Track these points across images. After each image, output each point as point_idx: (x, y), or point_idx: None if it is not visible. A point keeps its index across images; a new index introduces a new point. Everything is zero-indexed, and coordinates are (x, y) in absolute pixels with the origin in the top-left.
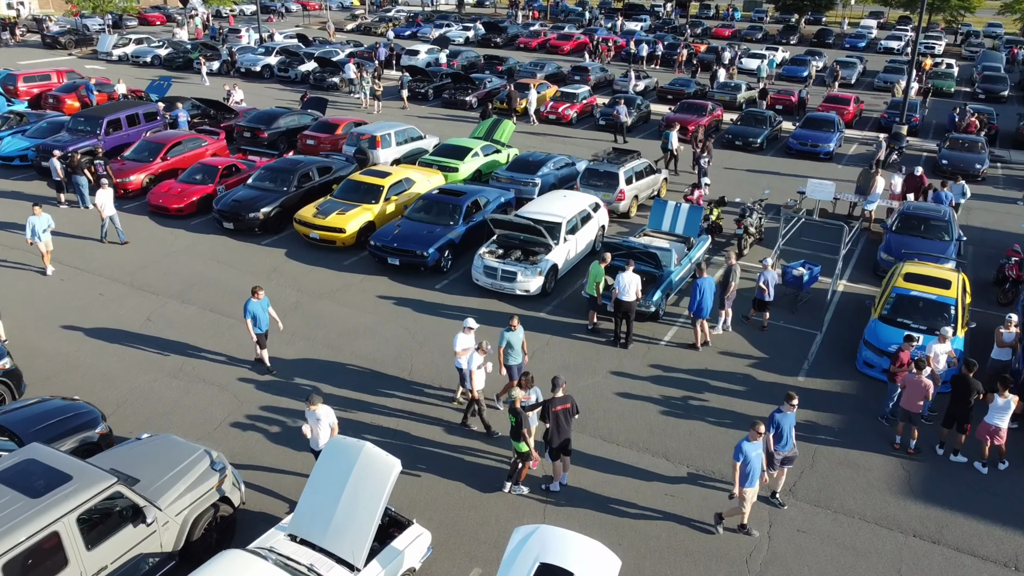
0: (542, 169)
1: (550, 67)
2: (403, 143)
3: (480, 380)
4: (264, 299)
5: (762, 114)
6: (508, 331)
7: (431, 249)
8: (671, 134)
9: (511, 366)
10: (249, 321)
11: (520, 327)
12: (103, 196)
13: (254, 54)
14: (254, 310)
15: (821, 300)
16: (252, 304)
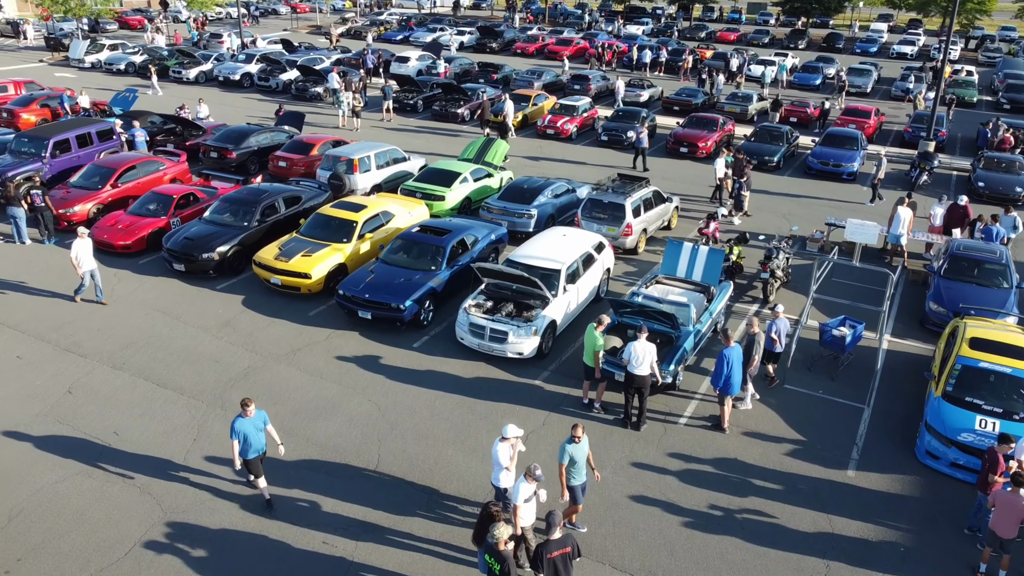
0: (538, 198)
1: (548, 75)
2: (384, 166)
3: (529, 515)
4: (258, 414)
5: (778, 130)
6: (570, 443)
7: (408, 301)
8: (718, 161)
9: (574, 487)
10: (235, 443)
11: (585, 437)
12: (80, 248)
13: (233, 61)
14: (244, 429)
15: (864, 361)
16: (241, 423)
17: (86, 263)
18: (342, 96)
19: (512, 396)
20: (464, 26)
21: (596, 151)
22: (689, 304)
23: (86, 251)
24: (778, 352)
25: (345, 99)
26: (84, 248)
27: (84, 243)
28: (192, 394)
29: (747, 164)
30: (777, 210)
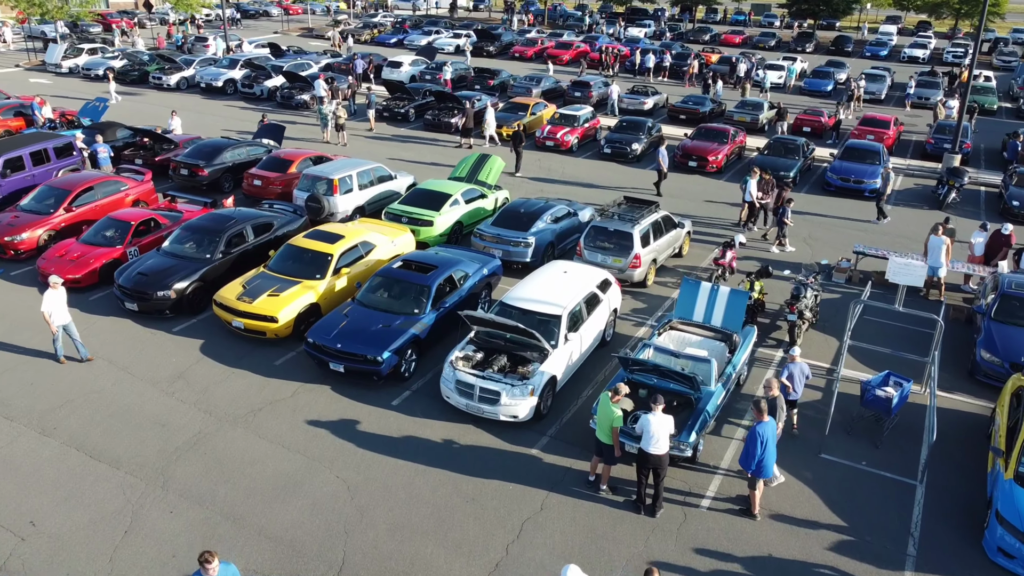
0: (536, 224)
1: (547, 82)
2: (368, 186)
3: None
4: (226, 570)
5: (793, 142)
6: None
7: (386, 352)
8: (750, 181)
9: None
10: None
11: None
12: (52, 300)
13: (216, 66)
14: None
15: (909, 420)
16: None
17: (58, 316)
18: (325, 109)
19: (505, 470)
20: (460, 29)
21: (598, 164)
22: (710, 360)
23: (58, 304)
24: (793, 400)
25: (329, 111)
26: (57, 300)
27: (57, 295)
28: (130, 468)
29: (784, 188)
30: (796, 233)
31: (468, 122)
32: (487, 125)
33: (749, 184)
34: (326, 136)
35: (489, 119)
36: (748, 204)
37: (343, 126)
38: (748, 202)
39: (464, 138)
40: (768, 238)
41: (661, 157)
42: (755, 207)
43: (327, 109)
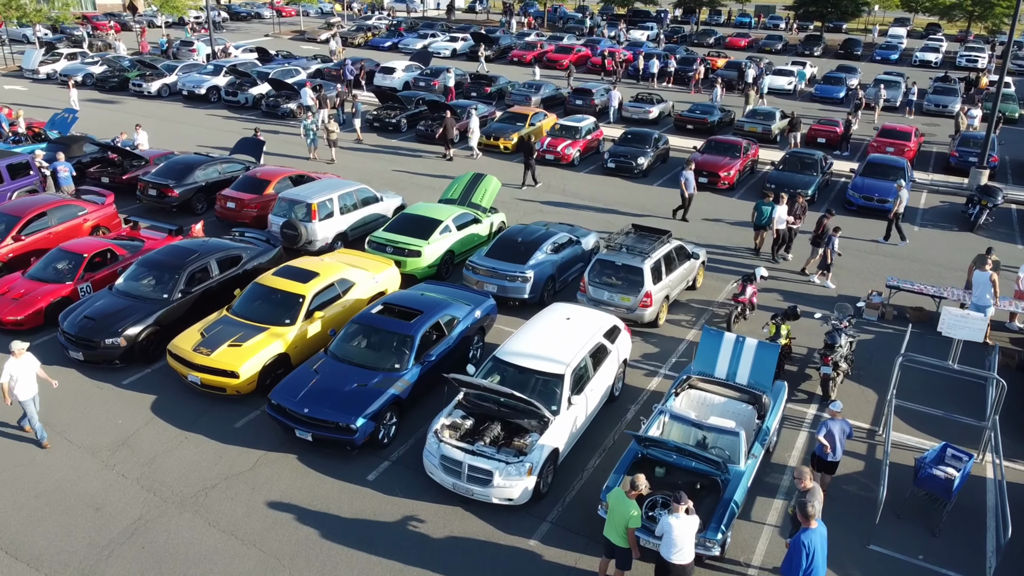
0: (535, 255)
1: (547, 89)
2: (351, 209)
3: None
4: None
5: (810, 156)
6: None
7: (361, 418)
8: (775, 209)
9: None
10: None
11: None
12: (18, 370)
13: (199, 73)
14: None
15: (973, 497)
16: None
17: (26, 390)
18: (310, 123)
19: (498, 568)
20: (457, 31)
21: (602, 180)
22: (738, 432)
23: (27, 372)
24: (833, 462)
25: (313, 125)
26: (24, 369)
27: (25, 364)
28: (51, 568)
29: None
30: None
31: (448, 132)
32: (470, 134)
33: (775, 210)
34: (313, 153)
35: (473, 127)
36: (777, 231)
37: (335, 141)
38: (778, 229)
39: (447, 148)
40: (808, 271)
41: (684, 181)
42: (783, 234)
43: (311, 123)
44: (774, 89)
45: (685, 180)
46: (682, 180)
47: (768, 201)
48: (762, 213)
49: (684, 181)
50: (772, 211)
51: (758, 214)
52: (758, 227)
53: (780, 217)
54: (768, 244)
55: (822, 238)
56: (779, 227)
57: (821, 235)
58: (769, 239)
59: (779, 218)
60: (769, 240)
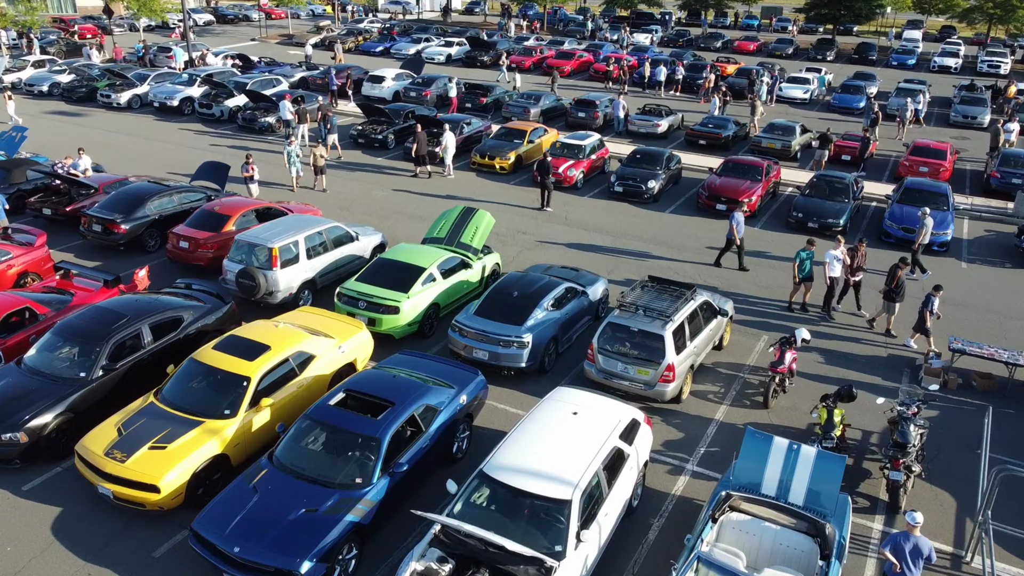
0: (534, 313)
1: (547, 100)
2: (320, 252)
3: None
4: None
5: (840, 180)
6: None
7: (307, 561)
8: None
9: None
10: None
11: None
12: None
13: (172, 83)
14: None
15: None
16: None
17: None
18: (294, 149)
19: None
20: (453, 35)
21: (608, 206)
22: None
23: None
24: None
25: (298, 149)
26: None
27: None
28: None
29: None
30: (844, 303)
31: (420, 148)
32: (445, 150)
33: (832, 262)
34: (295, 181)
35: (448, 144)
36: (830, 280)
37: (323, 169)
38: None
39: (419, 167)
40: (874, 324)
41: (736, 224)
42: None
43: (295, 147)
44: (787, 99)
45: (736, 223)
46: (733, 223)
47: (810, 249)
48: (804, 265)
49: (735, 224)
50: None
51: (800, 266)
52: (803, 281)
53: (833, 264)
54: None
55: (896, 292)
56: (832, 275)
57: (896, 288)
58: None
59: (832, 264)
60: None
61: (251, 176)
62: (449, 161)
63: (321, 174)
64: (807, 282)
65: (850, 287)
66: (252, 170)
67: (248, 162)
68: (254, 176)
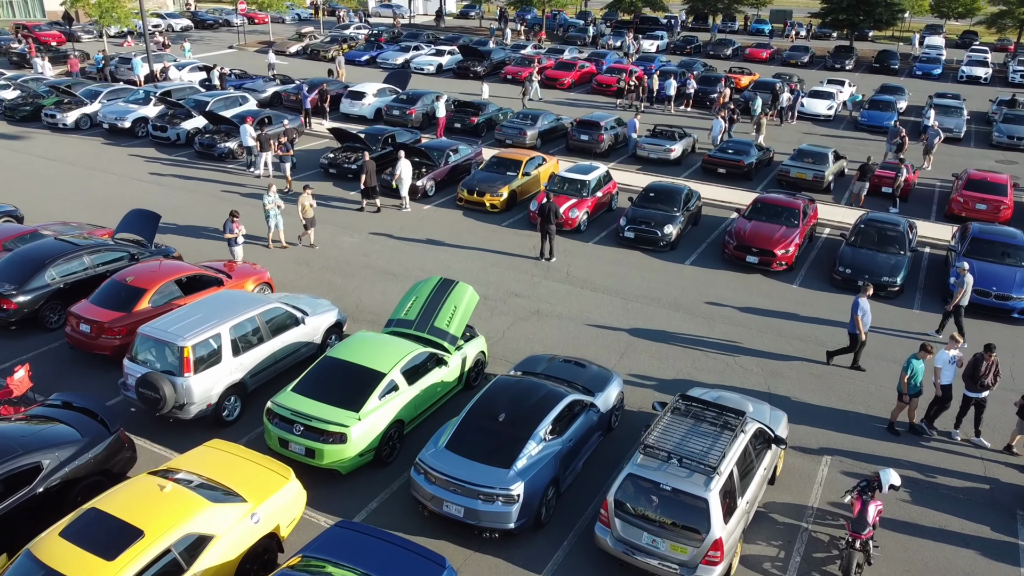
0: (527, 448)
1: (546, 119)
2: (253, 344)
3: None
4: None
5: (894, 226)
6: None
7: None
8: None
9: None
10: None
11: None
12: None
13: (126, 101)
14: None
15: None
16: None
17: None
18: (271, 200)
19: None
20: (445, 42)
21: (618, 256)
22: None
23: None
24: None
25: (275, 201)
26: None
27: None
28: None
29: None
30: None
31: (369, 179)
32: (400, 180)
33: (944, 367)
34: (272, 238)
35: (403, 173)
36: (942, 388)
37: (312, 221)
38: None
39: (367, 199)
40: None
41: (861, 314)
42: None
43: (272, 198)
44: (809, 115)
45: (862, 313)
46: (858, 313)
47: (925, 357)
48: (916, 376)
49: (860, 315)
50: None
51: (910, 377)
52: (912, 396)
53: (946, 370)
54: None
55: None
56: (943, 382)
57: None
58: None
59: (944, 371)
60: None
61: (235, 238)
62: (405, 193)
63: (310, 227)
64: (916, 397)
65: (971, 406)
66: (237, 229)
67: (232, 219)
68: (238, 238)
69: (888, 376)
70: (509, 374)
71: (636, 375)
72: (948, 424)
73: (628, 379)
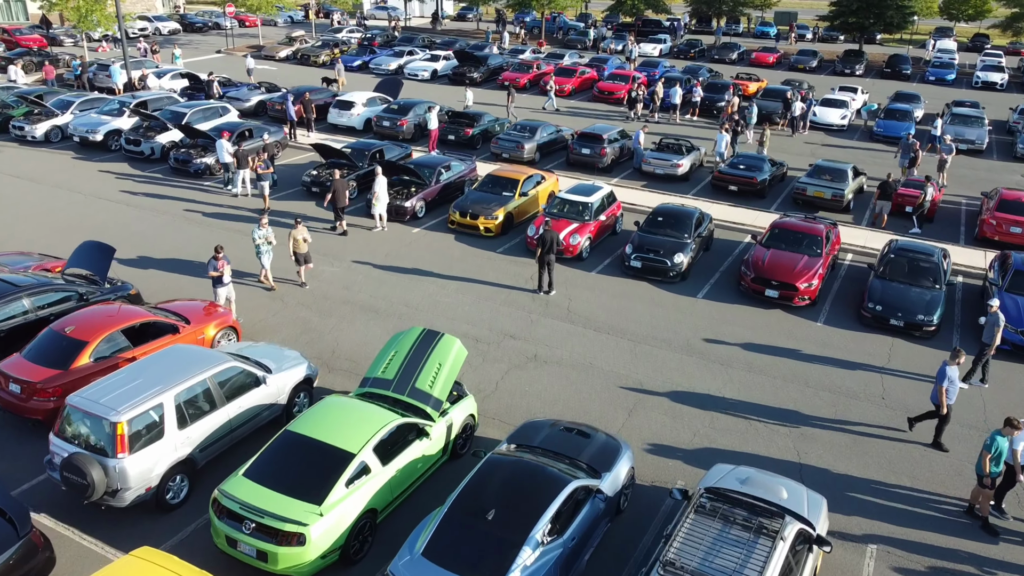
0: (521, 557)
1: (545, 131)
2: (203, 413)
3: None
4: None
5: (928, 256)
6: None
7: None
8: None
9: None
10: None
11: None
12: None
13: (99, 112)
14: None
15: None
16: None
17: None
18: (262, 234)
19: None
20: (441, 47)
21: (622, 288)
22: None
23: None
24: None
25: (265, 236)
26: None
27: None
28: None
29: None
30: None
31: (338, 198)
32: (376, 199)
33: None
34: (266, 277)
35: (379, 191)
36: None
37: (306, 257)
38: None
39: (338, 221)
40: None
41: (946, 383)
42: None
43: (263, 232)
44: (822, 125)
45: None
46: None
47: (1010, 432)
48: (1000, 456)
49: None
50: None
51: (993, 457)
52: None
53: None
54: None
55: None
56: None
57: None
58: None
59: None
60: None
61: (220, 276)
62: (382, 212)
63: (305, 263)
64: (999, 477)
65: None
66: (222, 267)
67: (216, 256)
68: (223, 276)
69: (929, 435)
70: (501, 451)
71: (648, 441)
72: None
73: (639, 444)
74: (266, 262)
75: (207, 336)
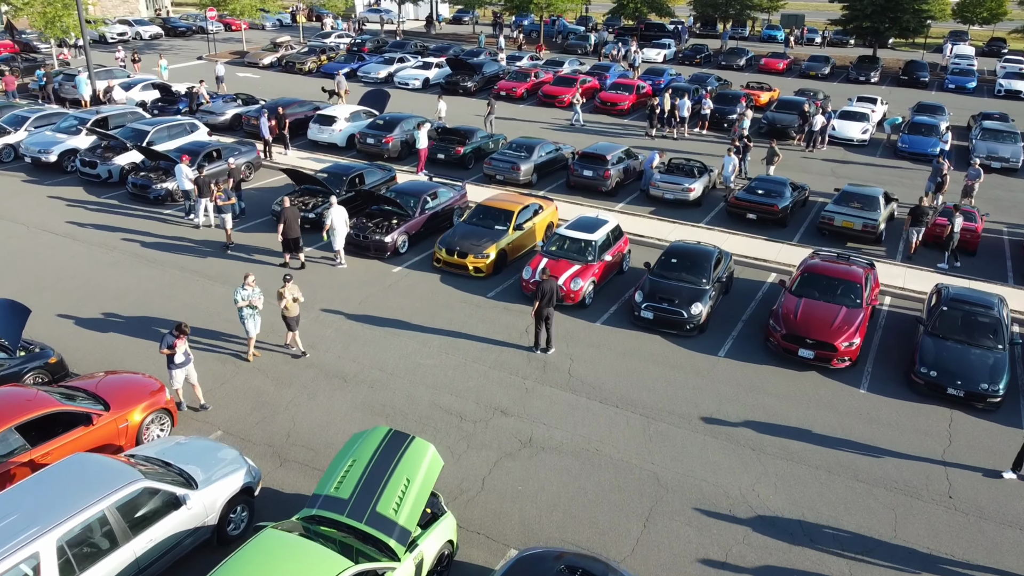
0: None
1: (543, 149)
2: (101, 554)
3: None
4: None
5: (986, 309)
6: None
7: None
8: None
9: None
10: None
11: None
12: None
13: (54, 129)
14: None
15: None
16: None
17: None
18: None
19: None
20: (434, 52)
21: (633, 343)
22: None
23: None
24: None
25: (250, 297)
26: None
27: None
28: None
29: None
30: None
31: (289, 229)
32: (333, 231)
33: None
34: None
35: (335, 222)
36: None
37: (296, 320)
38: None
39: (288, 253)
40: None
41: None
42: None
43: (249, 294)
44: (841, 140)
45: None
46: None
47: None
48: None
49: None
50: None
51: None
52: None
53: None
54: None
55: None
56: None
57: None
58: None
59: None
60: None
61: (172, 354)
62: (339, 247)
63: (293, 329)
64: None
65: None
66: (176, 346)
67: (176, 334)
68: (177, 356)
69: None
70: None
71: (671, 567)
72: None
73: (661, 573)
74: (251, 329)
75: (132, 422)
